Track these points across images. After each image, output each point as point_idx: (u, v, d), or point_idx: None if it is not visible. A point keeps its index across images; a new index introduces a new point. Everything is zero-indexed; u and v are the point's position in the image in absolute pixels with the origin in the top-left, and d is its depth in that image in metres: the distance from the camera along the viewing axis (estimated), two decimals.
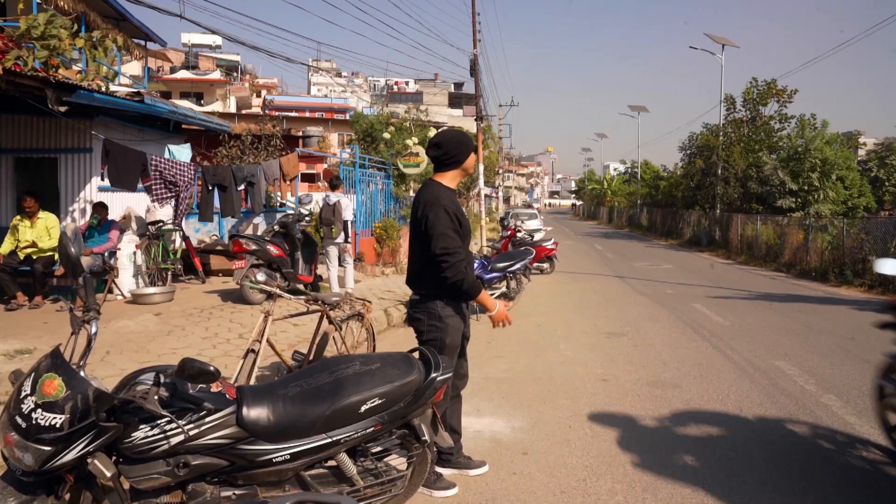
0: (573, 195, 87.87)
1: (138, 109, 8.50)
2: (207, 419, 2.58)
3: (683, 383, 5.86)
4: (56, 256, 8.20)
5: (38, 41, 6.88)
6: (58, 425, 2.31)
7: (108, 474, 2.38)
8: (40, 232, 8.12)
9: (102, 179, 8.54)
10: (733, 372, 6.28)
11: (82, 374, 2.51)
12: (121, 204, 9.29)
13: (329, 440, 2.75)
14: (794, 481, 3.78)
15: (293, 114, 42.04)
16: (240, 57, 51.31)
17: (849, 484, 3.77)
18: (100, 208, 8.58)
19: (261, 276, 4.56)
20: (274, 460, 2.71)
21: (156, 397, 2.43)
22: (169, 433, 2.50)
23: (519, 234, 15.67)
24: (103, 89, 8.08)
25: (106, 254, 8.43)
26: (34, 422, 2.31)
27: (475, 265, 9.15)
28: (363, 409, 2.77)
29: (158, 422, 2.49)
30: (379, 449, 3.13)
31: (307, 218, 13.82)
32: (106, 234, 8.47)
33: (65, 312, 7.86)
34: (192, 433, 2.53)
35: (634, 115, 47.65)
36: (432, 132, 18.73)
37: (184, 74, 44.34)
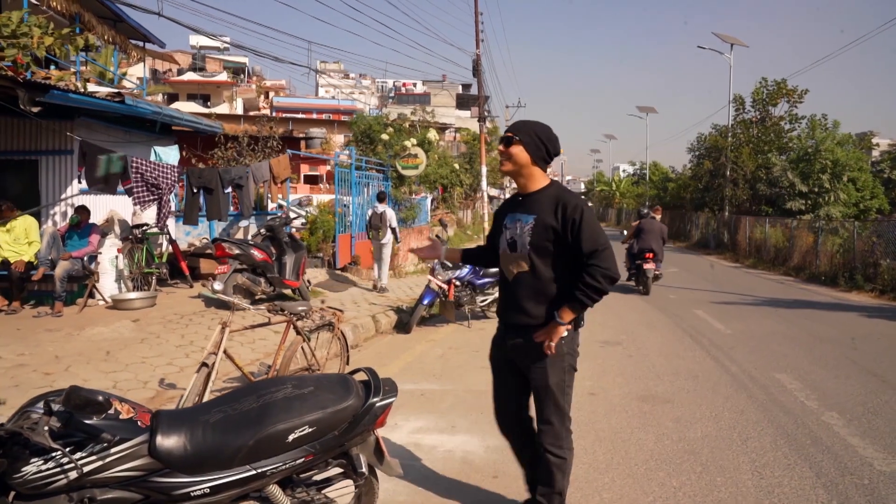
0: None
1: (119, 110, 8.26)
2: (112, 450, 2.30)
3: (676, 398, 5.53)
4: (35, 262, 7.99)
5: (7, 39, 6.67)
6: None
7: None
8: (18, 235, 7.90)
9: (80, 182, 8.32)
10: (730, 385, 5.94)
11: None
12: (104, 207, 9.07)
13: (254, 472, 2.46)
14: None
15: (300, 115, 41.98)
16: (247, 59, 51.28)
17: None
18: (81, 211, 8.36)
19: (217, 286, 4.31)
20: (192, 494, 2.42)
21: (46, 428, 2.15)
22: (65, 467, 2.23)
23: None
24: (81, 89, 7.87)
25: (86, 258, 8.21)
26: None
27: (466, 270, 8.85)
28: (291, 437, 2.48)
29: (53, 454, 2.21)
30: (321, 478, 2.84)
31: (303, 221, 13.61)
32: (86, 238, 8.25)
33: (40, 318, 7.67)
34: (92, 467, 2.25)
35: (643, 116, 47.20)
36: (432, 133, 18.44)
37: (191, 76, 44.35)
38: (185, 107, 35.99)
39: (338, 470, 2.79)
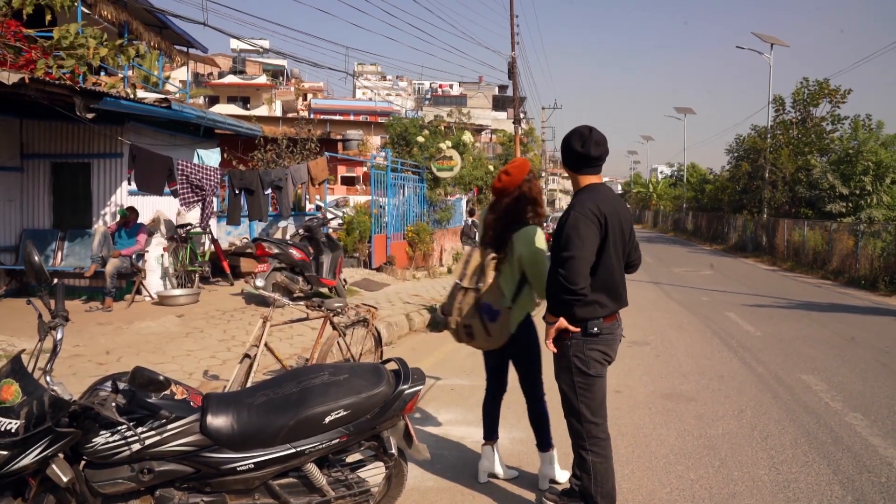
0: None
1: (166, 115, 8.68)
2: (169, 426, 2.58)
3: (700, 396, 5.64)
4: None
5: (66, 50, 7.10)
6: (13, 430, 2.33)
7: (65, 479, 2.39)
8: None
9: (129, 184, 8.76)
10: (755, 386, 6.01)
11: (48, 378, 2.54)
12: (151, 207, 9.52)
13: (293, 450, 2.72)
14: None
15: (337, 117, 42.62)
16: (286, 62, 52.27)
17: None
18: (130, 212, 8.80)
19: (259, 282, 4.56)
20: (238, 469, 2.69)
21: (113, 404, 2.44)
22: (129, 439, 2.51)
23: None
24: (131, 96, 8.29)
25: (134, 256, 8.65)
26: None
27: None
28: (327, 420, 2.72)
29: (118, 428, 2.49)
30: (353, 460, 3.09)
31: (339, 221, 13.96)
32: (134, 237, 8.69)
33: (92, 313, 8.12)
34: (151, 440, 2.53)
35: (680, 118, 46.62)
36: (467, 135, 18.64)
37: (231, 79, 45.44)
38: (225, 109, 36.96)
39: (370, 452, 3.04)
